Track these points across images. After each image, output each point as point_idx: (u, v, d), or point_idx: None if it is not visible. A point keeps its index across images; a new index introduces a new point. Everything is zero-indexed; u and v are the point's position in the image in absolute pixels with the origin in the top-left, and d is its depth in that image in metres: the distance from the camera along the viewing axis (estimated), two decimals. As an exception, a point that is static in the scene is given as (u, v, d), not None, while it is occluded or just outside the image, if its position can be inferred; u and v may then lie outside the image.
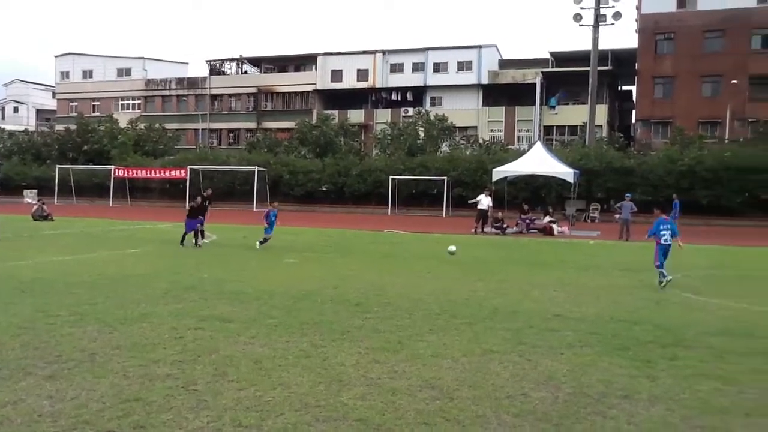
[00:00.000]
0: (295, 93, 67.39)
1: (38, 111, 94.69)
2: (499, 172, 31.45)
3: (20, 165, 58.37)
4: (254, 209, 45.01)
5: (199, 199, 19.97)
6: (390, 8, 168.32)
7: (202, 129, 69.26)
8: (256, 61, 72.06)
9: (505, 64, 64.14)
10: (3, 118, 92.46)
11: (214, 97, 69.78)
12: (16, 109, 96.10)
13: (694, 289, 12.58)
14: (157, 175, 50.86)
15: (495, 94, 60.72)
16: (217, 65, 72.37)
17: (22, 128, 74.19)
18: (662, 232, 13.19)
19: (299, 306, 9.84)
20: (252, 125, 66.87)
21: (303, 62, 68.82)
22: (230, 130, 69.34)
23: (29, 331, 7.80)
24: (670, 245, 13.20)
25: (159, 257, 16.18)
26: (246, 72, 72.26)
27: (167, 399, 5.56)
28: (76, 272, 13.22)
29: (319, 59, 66.19)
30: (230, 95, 69.71)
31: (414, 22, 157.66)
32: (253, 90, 68.19)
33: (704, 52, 51.88)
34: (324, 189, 49.04)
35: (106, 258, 16.17)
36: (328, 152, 51.98)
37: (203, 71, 73.14)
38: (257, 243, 18.64)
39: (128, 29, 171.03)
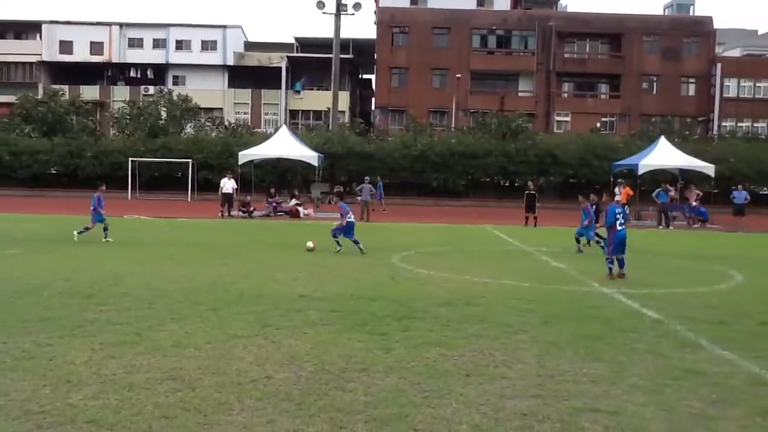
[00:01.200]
0: (16, 63, 60.33)
1: None
2: (246, 155, 31.28)
3: None
4: (-34, 194, 39.50)
5: None
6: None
7: None
8: (-36, 25, 62.87)
9: (250, 46, 63.72)
10: None
11: None
12: None
13: (425, 265, 13.73)
14: None
15: (241, 76, 60.08)
16: None
17: None
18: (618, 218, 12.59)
19: (22, 301, 8.87)
20: (-39, 98, 58.34)
21: (25, 30, 61.73)
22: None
23: None
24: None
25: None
26: (-48, 36, 62.73)
27: None
28: None
29: (45, 27, 59.82)
30: (-71, 62, 60.10)
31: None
32: (-39, 58, 59.50)
33: (434, 46, 56.69)
34: (54, 171, 44.62)
35: None
36: (58, 131, 47.23)
37: None
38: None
39: None
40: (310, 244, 16.01)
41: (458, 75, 53.10)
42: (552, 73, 56.40)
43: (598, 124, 54.11)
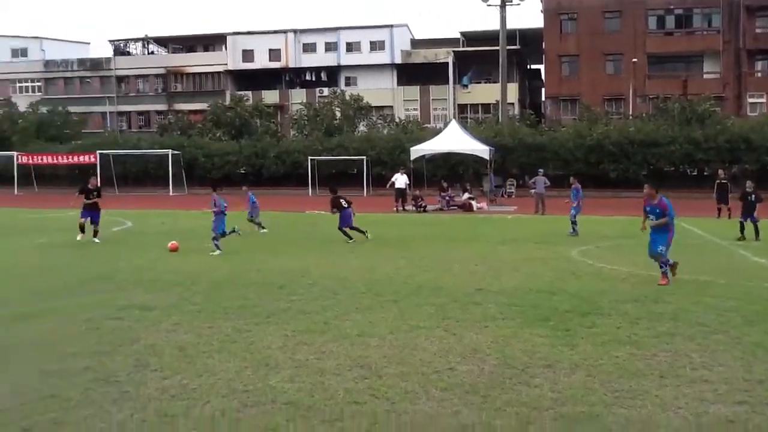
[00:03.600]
0: (206, 74, 65.62)
1: None
2: (417, 151, 31.76)
3: None
4: (170, 194, 43.78)
5: (94, 180, 17.88)
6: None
7: (109, 112, 66.47)
8: (162, 41, 69.64)
9: (417, 43, 64.52)
10: None
11: (120, 78, 66.99)
12: None
13: (607, 259, 13.13)
14: (65, 161, 48.51)
15: (409, 73, 61.04)
16: (122, 45, 69.46)
17: None
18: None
19: (222, 291, 9.66)
20: (162, 107, 64.70)
21: (212, 42, 67.07)
22: (140, 113, 66.87)
23: (-70, 330, 7.32)
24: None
25: (70, 247, 15.44)
26: (153, 52, 69.71)
27: (87, 393, 5.34)
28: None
29: (229, 39, 64.60)
30: (137, 77, 67.11)
31: (324, 1, 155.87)
32: (161, 71, 65.87)
33: (605, 31, 53.89)
34: (242, 171, 48.13)
35: (13, 248, 15.34)
36: (244, 134, 51.01)
37: (107, 52, 70.10)
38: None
39: (22, 7, 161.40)
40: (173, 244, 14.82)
41: (634, 59, 50.13)
42: (742, 51, 51.45)
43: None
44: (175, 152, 45.94)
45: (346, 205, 16.78)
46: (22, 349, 6.59)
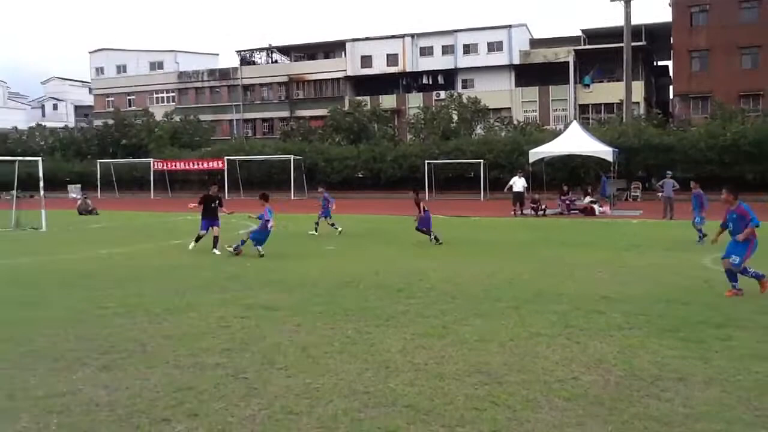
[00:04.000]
0: (326, 80, 67.48)
1: (76, 107, 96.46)
2: (536, 153, 31.07)
3: (63, 161, 59.61)
4: (292, 197, 45.35)
5: (215, 188, 16.69)
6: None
7: (236, 119, 69.85)
8: (285, 50, 72.31)
9: (536, 43, 63.30)
10: (44, 115, 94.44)
11: (246, 87, 70.26)
12: (55, 106, 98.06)
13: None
14: (195, 166, 51.55)
15: (527, 74, 59.97)
16: (248, 55, 72.81)
17: (62, 125, 75.79)
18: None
19: (342, 293, 9.88)
20: (285, 114, 67.24)
21: (332, 49, 68.86)
22: (264, 120, 69.82)
23: (82, 323, 7.98)
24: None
25: (201, 247, 16.33)
26: (276, 61, 72.56)
27: (218, 387, 5.63)
28: (122, 264, 13.49)
29: (348, 45, 66.11)
30: (262, 85, 70.14)
31: (441, 4, 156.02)
32: (284, 79, 68.47)
33: (740, 22, 50.44)
34: (360, 175, 49.12)
35: (151, 250, 16.46)
36: (362, 138, 52.04)
37: (234, 62, 73.70)
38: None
39: (158, 22, 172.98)
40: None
41: (775, 52, 46.70)
42: None
43: None
44: (297, 157, 47.57)
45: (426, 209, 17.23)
46: (161, 344, 7.03)
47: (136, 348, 6.86)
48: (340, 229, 19.35)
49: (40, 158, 25.78)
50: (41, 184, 23.62)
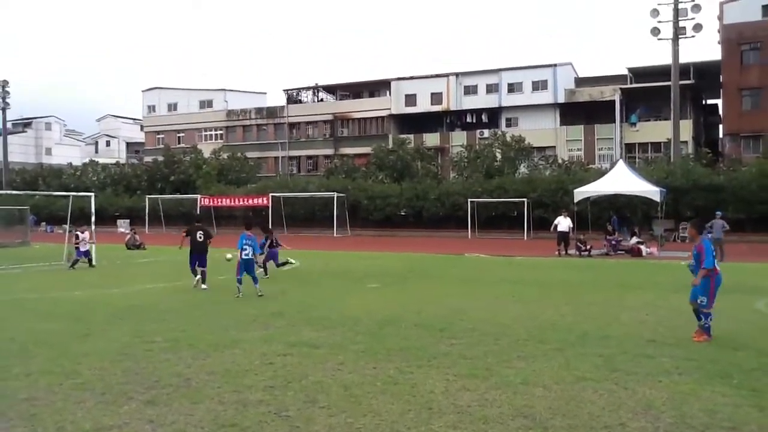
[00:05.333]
0: (371, 118, 68.27)
1: (128, 144, 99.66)
2: (581, 193, 30.72)
3: (113, 196, 61.32)
4: (335, 234, 45.63)
5: (200, 232, 16.63)
6: (461, 31, 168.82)
7: (281, 156, 71.01)
8: (331, 89, 73.55)
9: (581, 81, 63.11)
10: (96, 151, 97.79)
11: (292, 125, 71.51)
12: (108, 143, 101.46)
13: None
14: (241, 203, 52.37)
15: (572, 112, 59.73)
16: (294, 94, 74.26)
17: (114, 161, 78.20)
18: None
19: (384, 331, 9.85)
20: (329, 152, 68.10)
21: (377, 88, 69.77)
22: (309, 157, 70.80)
23: (128, 357, 8.12)
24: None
25: (244, 283, 16.50)
26: (322, 100, 73.83)
27: (261, 425, 5.64)
28: (168, 299, 13.73)
29: (393, 84, 66.93)
30: (307, 123, 71.31)
31: (486, 43, 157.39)
32: (329, 117, 69.54)
33: (795, 61, 49.49)
34: (402, 213, 49.23)
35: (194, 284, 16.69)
36: (406, 176, 52.28)
37: (281, 100, 75.25)
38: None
39: (208, 62, 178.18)
40: (229, 255, 15.22)
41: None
42: None
43: None
44: (340, 195, 48.00)
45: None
46: (205, 379, 7.10)
47: (181, 383, 6.94)
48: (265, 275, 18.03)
49: (92, 194, 26.58)
50: (92, 218, 24.27)
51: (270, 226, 24.93)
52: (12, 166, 74.90)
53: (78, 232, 21.76)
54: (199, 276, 16.11)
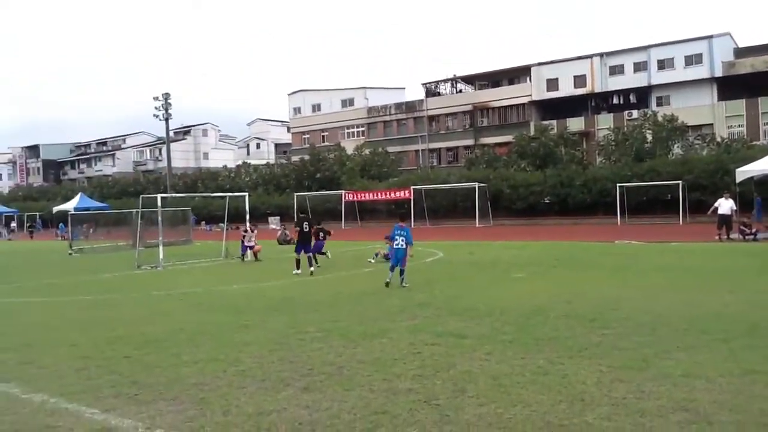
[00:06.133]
0: (511, 106, 67.15)
1: (276, 145, 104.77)
2: (744, 172, 28.41)
3: (264, 195, 64.80)
4: (477, 225, 45.40)
5: (305, 223, 18.46)
6: (603, 8, 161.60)
7: (421, 150, 71.63)
8: (469, 79, 73.11)
9: (742, 52, 58.32)
10: (248, 153, 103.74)
11: (431, 118, 71.90)
12: (258, 145, 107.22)
13: None
14: (383, 197, 53.49)
15: (732, 86, 55.36)
16: (433, 87, 74.55)
17: (263, 162, 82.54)
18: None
19: (532, 322, 9.67)
20: (469, 142, 67.82)
21: (516, 75, 68.48)
22: (449, 149, 70.92)
23: (284, 346, 8.55)
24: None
25: (378, 278, 16.82)
26: (460, 91, 73.58)
27: (411, 413, 5.73)
28: (317, 291, 14.29)
29: (533, 70, 65.38)
30: (447, 115, 71.40)
31: (631, 20, 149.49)
32: (468, 108, 69.19)
33: None
34: (546, 201, 48.07)
35: (343, 276, 17.29)
36: (549, 163, 50.96)
37: (419, 94, 75.88)
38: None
39: (348, 62, 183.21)
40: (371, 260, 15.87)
41: None
42: None
43: None
44: (482, 185, 47.64)
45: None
46: (356, 368, 7.33)
47: (334, 371, 7.21)
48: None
49: (246, 194, 28.23)
50: (247, 216, 25.76)
51: (412, 219, 25.26)
52: (174, 171, 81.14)
53: (248, 229, 23.89)
54: (312, 266, 17.79)
